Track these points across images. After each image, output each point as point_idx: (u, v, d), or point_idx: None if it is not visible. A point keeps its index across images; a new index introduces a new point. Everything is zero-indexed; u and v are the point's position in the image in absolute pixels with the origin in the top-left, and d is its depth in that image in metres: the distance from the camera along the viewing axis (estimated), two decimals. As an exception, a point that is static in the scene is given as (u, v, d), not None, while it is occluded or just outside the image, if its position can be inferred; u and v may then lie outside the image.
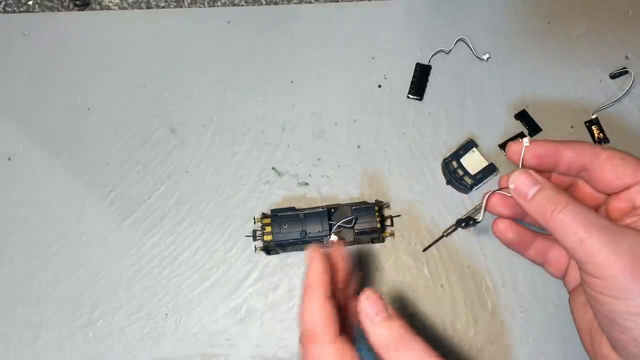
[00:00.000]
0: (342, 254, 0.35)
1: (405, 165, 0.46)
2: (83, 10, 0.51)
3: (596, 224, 0.28)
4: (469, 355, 0.41)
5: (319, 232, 0.42)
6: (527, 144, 0.33)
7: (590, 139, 0.45)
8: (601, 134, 0.45)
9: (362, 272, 0.40)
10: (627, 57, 0.47)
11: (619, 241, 0.28)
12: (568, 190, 0.35)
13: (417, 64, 0.48)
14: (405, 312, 0.43)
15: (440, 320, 0.42)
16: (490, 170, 0.44)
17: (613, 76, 0.46)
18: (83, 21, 0.50)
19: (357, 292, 0.31)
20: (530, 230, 0.36)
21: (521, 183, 0.31)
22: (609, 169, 0.32)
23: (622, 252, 0.27)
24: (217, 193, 0.46)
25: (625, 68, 0.46)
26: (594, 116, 0.45)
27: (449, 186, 0.45)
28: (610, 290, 0.28)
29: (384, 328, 0.29)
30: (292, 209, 0.43)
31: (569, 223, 0.29)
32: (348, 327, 0.33)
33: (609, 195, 0.33)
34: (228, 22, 0.50)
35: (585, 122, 0.45)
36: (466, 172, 0.44)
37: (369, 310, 0.30)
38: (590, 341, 0.32)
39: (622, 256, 0.27)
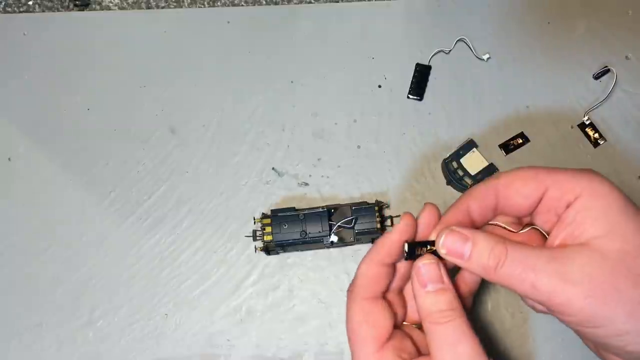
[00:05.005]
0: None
1: (405, 165, 0.46)
2: (83, 10, 0.51)
3: (541, 259, 0.27)
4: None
5: (319, 232, 0.42)
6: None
7: (586, 141, 0.45)
8: (597, 134, 0.45)
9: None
10: (627, 57, 0.47)
11: (569, 269, 0.26)
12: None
13: (417, 64, 0.48)
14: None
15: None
16: (490, 170, 0.44)
17: (596, 77, 0.46)
18: (83, 21, 0.50)
19: None
20: None
21: (452, 245, 0.29)
22: (513, 195, 0.30)
23: (577, 281, 0.26)
24: (217, 193, 0.46)
25: (607, 67, 0.46)
26: (585, 118, 0.45)
27: (449, 186, 0.45)
28: (586, 322, 0.27)
29: (432, 299, 0.29)
30: (292, 209, 0.43)
31: (515, 274, 0.27)
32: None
33: (531, 215, 0.32)
34: (228, 22, 0.50)
35: (579, 125, 0.45)
36: (466, 173, 0.44)
37: (425, 277, 0.30)
38: (594, 347, 0.32)
39: (579, 286, 0.26)
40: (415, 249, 0.30)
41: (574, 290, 0.26)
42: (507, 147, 0.45)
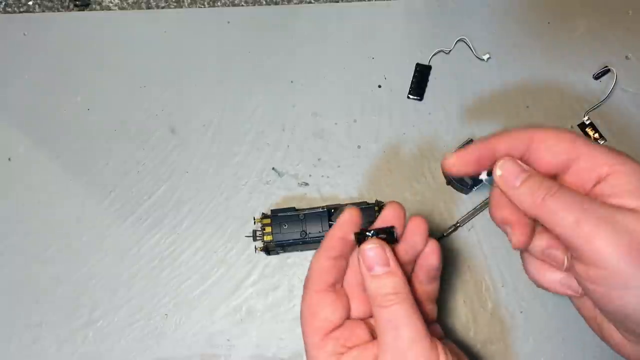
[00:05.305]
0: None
1: (405, 165, 0.46)
2: (83, 10, 0.51)
3: (592, 204, 0.27)
4: (469, 355, 0.41)
5: (319, 232, 0.42)
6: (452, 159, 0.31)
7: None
8: (597, 134, 0.45)
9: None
10: (627, 57, 0.47)
11: (616, 221, 0.26)
12: None
13: (417, 64, 0.48)
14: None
15: (439, 320, 0.42)
16: (490, 170, 0.44)
17: (596, 77, 0.46)
18: (83, 21, 0.50)
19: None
20: None
21: (509, 171, 0.29)
22: (544, 150, 0.30)
23: (620, 234, 0.25)
24: (217, 193, 0.46)
25: (607, 67, 0.46)
26: (585, 118, 0.45)
27: (449, 186, 0.45)
28: (615, 279, 0.25)
29: (379, 282, 0.30)
30: (292, 209, 0.43)
31: (562, 206, 0.27)
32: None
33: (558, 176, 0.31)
34: (228, 22, 0.50)
35: (579, 125, 0.45)
36: (466, 172, 0.44)
37: (370, 260, 0.30)
38: (599, 328, 0.31)
39: (624, 237, 0.25)
40: (365, 237, 0.31)
41: (617, 238, 0.25)
42: (507, 147, 0.45)
